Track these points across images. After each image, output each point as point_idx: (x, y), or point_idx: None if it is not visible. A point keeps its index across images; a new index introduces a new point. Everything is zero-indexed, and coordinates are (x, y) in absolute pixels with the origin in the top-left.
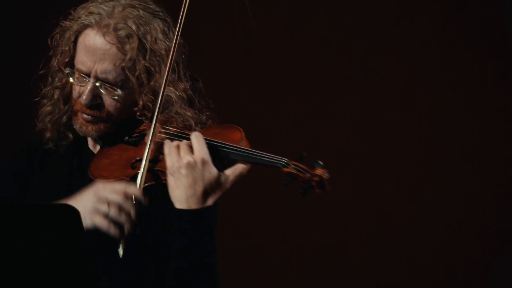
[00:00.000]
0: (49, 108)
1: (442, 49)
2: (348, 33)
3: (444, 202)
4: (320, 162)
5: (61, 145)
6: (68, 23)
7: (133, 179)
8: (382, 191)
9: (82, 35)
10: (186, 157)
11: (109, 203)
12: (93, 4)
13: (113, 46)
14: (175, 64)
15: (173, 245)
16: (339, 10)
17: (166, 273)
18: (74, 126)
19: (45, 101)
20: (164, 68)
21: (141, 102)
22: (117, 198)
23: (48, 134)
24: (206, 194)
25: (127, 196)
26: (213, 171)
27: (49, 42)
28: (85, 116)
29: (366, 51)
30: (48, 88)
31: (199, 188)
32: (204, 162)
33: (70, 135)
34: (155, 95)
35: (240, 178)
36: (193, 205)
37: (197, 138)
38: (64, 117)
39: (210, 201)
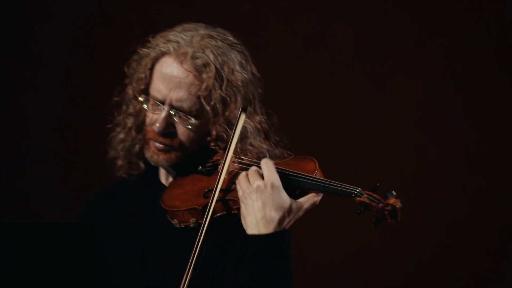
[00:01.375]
0: (122, 136)
1: (462, 68)
2: (369, 52)
3: (465, 218)
4: (394, 192)
5: (132, 175)
6: (145, 50)
7: (204, 208)
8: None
9: (159, 62)
10: (256, 182)
11: None
12: (172, 32)
13: (190, 74)
14: (251, 96)
15: (246, 271)
16: (360, 29)
17: None
18: (146, 155)
19: (118, 129)
20: (240, 99)
21: (214, 132)
22: None
23: (119, 162)
24: (276, 218)
25: None
26: (283, 195)
27: (125, 70)
28: (157, 144)
29: (387, 70)
30: (121, 116)
31: (269, 212)
32: (273, 186)
33: (142, 165)
34: (229, 125)
35: (313, 206)
36: (263, 229)
37: (266, 164)
38: (137, 146)
39: (280, 227)
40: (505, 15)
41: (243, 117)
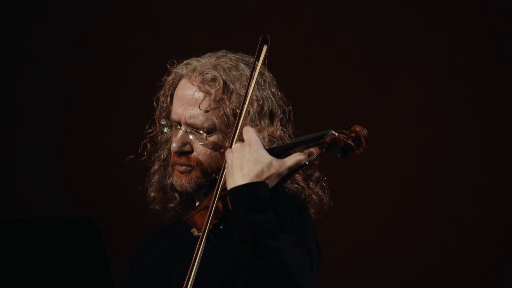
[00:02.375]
0: (156, 167)
1: (463, 65)
2: (370, 49)
3: (463, 212)
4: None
5: (168, 207)
6: (167, 77)
7: (206, 208)
8: (404, 206)
9: (177, 87)
10: (235, 145)
11: None
12: (193, 58)
13: (199, 89)
14: (267, 110)
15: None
16: (361, 25)
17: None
18: (173, 182)
19: (156, 161)
20: (254, 113)
21: (227, 145)
22: None
23: (152, 194)
24: (253, 172)
25: None
26: (262, 152)
27: (154, 103)
28: (178, 167)
29: (387, 67)
30: (155, 147)
31: (246, 166)
32: (251, 144)
33: (177, 196)
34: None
35: (296, 164)
36: (240, 182)
37: (246, 129)
38: (171, 177)
39: (262, 179)
40: (507, 13)
41: (264, 48)
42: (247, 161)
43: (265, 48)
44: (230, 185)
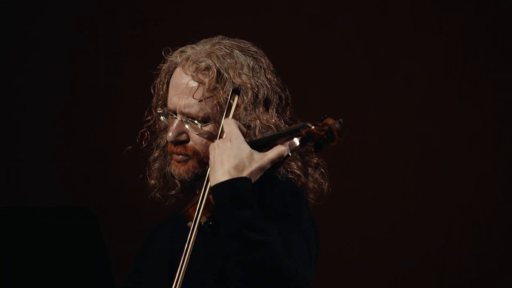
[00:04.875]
0: (156, 154)
1: (466, 54)
2: (373, 36)
3: (468, 204)
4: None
5: (169, 194)
6: (163, 65)
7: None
8: (405, 193)
9: (172, 75)
10: (217, 141)
11: None
12: (188, 45)
13: (193, 78)
14: (261, 98)
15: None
16: (364, 13)
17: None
18: (171, 172)
19: (155, 149)
20: (248, 102)
21: None
22: None
23: (152, 181)
24: (233, 167)
25: None
26: (243, 145)
27: (151, 91)
28: (175, 156)
29: (390, 55)
30: (154, 136)
31: (227, 162)
32: (232, 139)
33: (178, 183)
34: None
35: (278, 157)
36: (221, 178)
37: (227, 122)
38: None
39: (240, 175)
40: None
41: (235, 99)
42: (228, 157)
43: (236, 98)
44: (212, 182)
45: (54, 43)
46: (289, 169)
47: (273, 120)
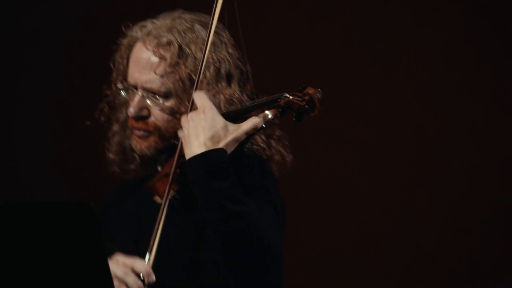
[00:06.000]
0: (115, 128)
1: (466, 47)
2: (371, 29)
3: (467, 197)
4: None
5: (128, 169)
6: (123, 40)
7: (166, 176)
8: (403, 186)
9: (132, 50)
10: (190, 113)
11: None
12: (148, 20)
13: (154, 53)
14: (224, 73)
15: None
16: (363, 5)
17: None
18: (132, 147)
19: (114, 123)
20: (209, 76)
21: (183, 109)
22: (120, 272)
23: (111, 156)
24: (208, 138)
25: (133, 272)
26: (216, 117)
27: (111, 65)
28: (136, 131)
29: (389, 47)
30: (113, 110)
31: (202, 134)
32: (205, 111)
33: (137, 157)
34: None
35: (253, 128)
36: (197, 151)
37: (198, 95)
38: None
39: (216, 146)
40: None
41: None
42: (203, 129)
43: (220, 1)
44: (188, 154)
45: (52, 38)
46: (253, 142)
47: (236, 95)
